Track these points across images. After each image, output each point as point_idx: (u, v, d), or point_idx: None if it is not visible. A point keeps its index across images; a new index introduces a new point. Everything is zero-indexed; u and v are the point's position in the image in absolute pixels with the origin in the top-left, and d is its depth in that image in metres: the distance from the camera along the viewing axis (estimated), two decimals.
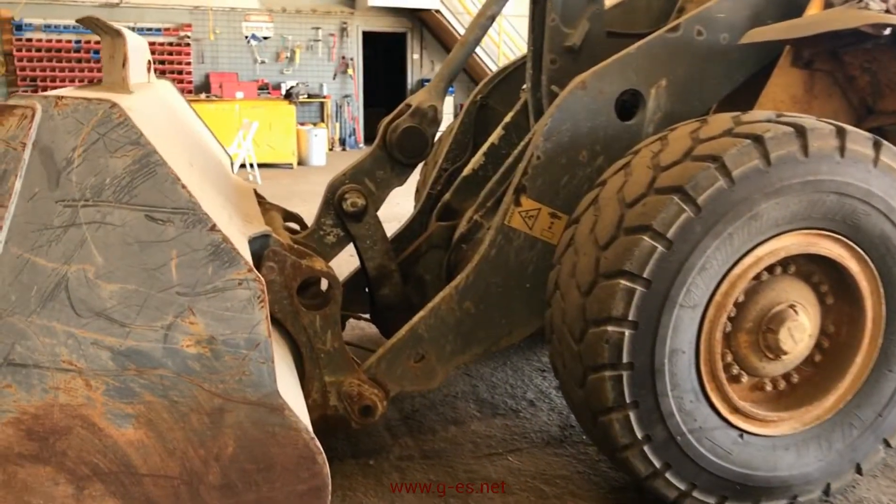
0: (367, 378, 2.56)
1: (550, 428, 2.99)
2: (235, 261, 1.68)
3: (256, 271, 1.70)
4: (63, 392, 1.65)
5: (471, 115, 3.44)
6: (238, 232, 2.04)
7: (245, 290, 1.70)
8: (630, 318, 2.13)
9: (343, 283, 3.28)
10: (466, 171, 3.19)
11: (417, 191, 4.10)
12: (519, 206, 2.63)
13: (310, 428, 1.82)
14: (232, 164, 3.21)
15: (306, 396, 2.51)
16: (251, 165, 10.71)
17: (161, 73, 14.30)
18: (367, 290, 3.08)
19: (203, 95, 14.34)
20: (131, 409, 1.70)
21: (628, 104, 2.70)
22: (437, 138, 3.39)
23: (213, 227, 1.65)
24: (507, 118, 3.28)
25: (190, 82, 14.80)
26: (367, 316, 3.21)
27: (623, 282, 2.12)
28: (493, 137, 3.22)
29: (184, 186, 1.62)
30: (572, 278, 2.29)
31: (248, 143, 10.39)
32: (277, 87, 15.42)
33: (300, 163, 13.34)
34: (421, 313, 2.62)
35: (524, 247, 2.66)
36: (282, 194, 9.28)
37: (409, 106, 2.90)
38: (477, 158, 3.25)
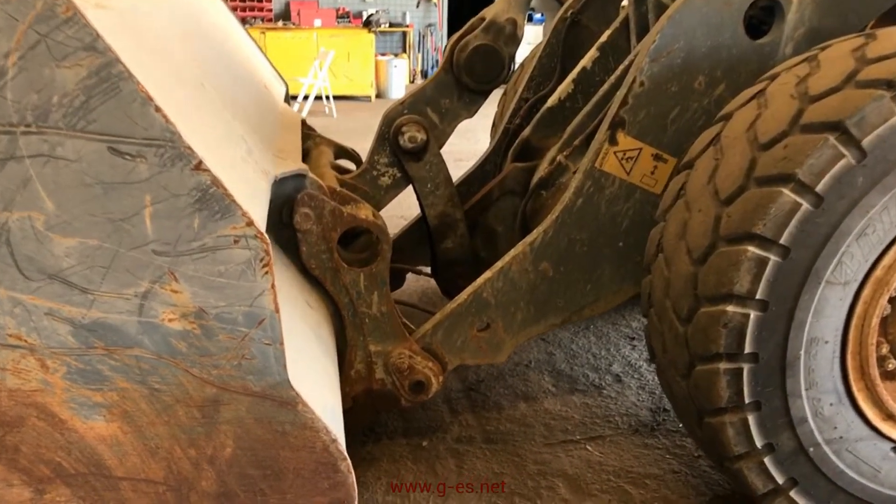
0: (420, 349, 2.14)
1: (640, 411, 2.52)
2: (230, 211, 1.25)
3: (259, 226, 1.27)
4: (11, 374, 1.28)
5: (559, 34, 2.88)
6: (256, 171, 1.61)
7: (243, 249, 1.27)
8: (758, 296, 1.61)
9: (401, 232, 2.86)
10: (551, 101, 2.66)
11: (494, 125, 3.60)
12: (615, 144, 2.11)
13: (331, 427, 1.41)
14: (288, 93, 2.78)
15: (348, 367, 2.11)
16: (326, 98, 10.33)
17: (241, 0, 14.00)
18: (428, 241, 2.64)
19: (280, 23, 13.97)
20: (101, 398, 1.32)
21: (758, 19, 2.12)
22: (517, 62, 2.86)
23: (200, 166, 1.23)
24: (604, 38, 2.72)
25: (270, 10, 14.45)
26: (429, 270, 2.78)
27: (752, 248, 1.60)
28: (585, 61, 2.67)
29: (158, 109, 1.19)
30: (681, 240, 1.78)
31: (323, 74, 9.99)
32: (358, 15, 14.90)
33: (378, 95, 12.89)
34: (487, 274, 2.16)
35: (618, 196, 2.15)
36: (357, 129, 8.90)
37: (482, 20, 2.39)
38: (564, 86, 2.71)
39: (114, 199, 1.22)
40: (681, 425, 2.43)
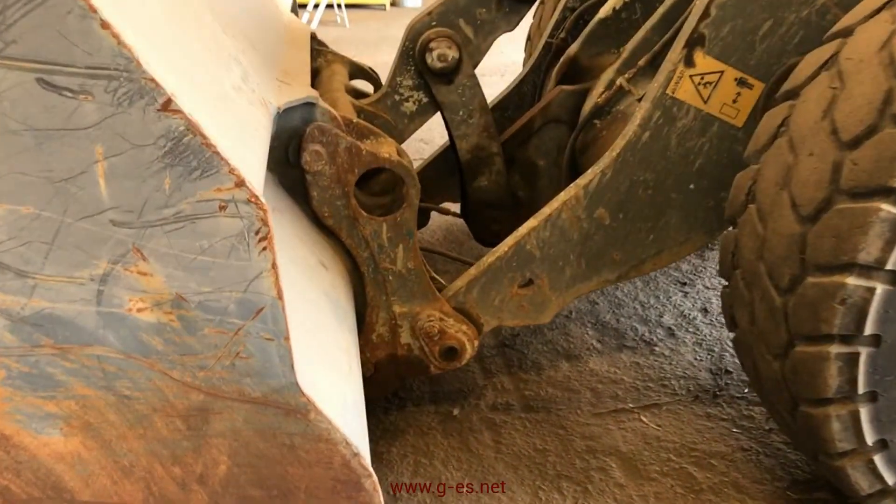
0: (452, 309, 1.83)
1: (698, 373, 2.22)
2: (213, 167, 0.91)
3: (253, 187, 0.94)
4: None
5: None
6: (253, 103, 1.26)
7: (232, 218, 0.94)
8: (889, 265, 1.28)
9: (426, 163, 2.51)
10: (604, 11, 2.25)
11: (529, 38, 3.18)
12: (691, 66, 1.73)
13: (352, 438, 1.11)
14: (296, 3, 2.37)
15: (369, 330, 1.81)
16: (338, 6, 9.75)
17: None
18: (458, 177, 2.30)
19: None
20: (55, 407, 1.02)
21: None
22: None
23: (169, 105, 0.88)
24: None
25: None
26: (458, 210, 2.44)
27: (885, 206, 1.25)
28: None
29: (106, 24, 0.84)
30: (783, 190, 1.43)
31: None
32: None
33: (394, 3, 12.21)
34: (532, 222, 1.83)
35: (692, 129, 1.79)
36: (370, 39, 8.38)
37: None
38: None
39: (52, 153, 0.89)
40: (745, 386, 2.13)
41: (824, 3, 1.69)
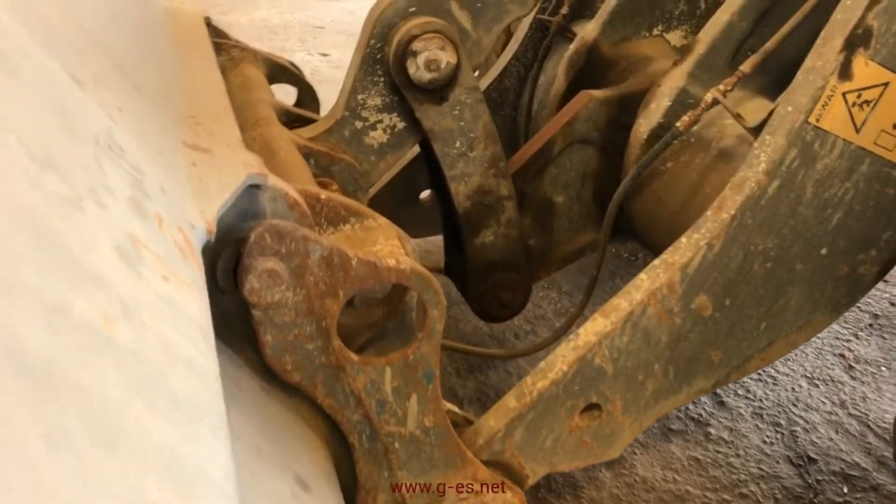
0: (487, 470, 1.17)
1: (776, 465, 1.67)
2: None
3: None
4: None
5: None
6: (174, 278, 0.54)
7: None
8: None
9: (380, 190, 1.79)
10: None
11: None
12: (847, 79, 1.11)
13: None
14: None
15: None
16: None
17: None
18: (444, 228, 1.61)
19: None
20: None
21: None
22: None
23: None
24: None
25: None
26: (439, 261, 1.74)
27: None
28: None
29: None
30: None
31: None
32: None
33: None
34: (600, 324, 1.19)
35: (837, 172, 1.19)
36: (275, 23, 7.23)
37: None
38: None
39: None
40: (847, 491, 1.61)
41: None
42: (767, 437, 1.77)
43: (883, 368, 2.05)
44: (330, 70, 4.65)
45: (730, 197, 1.18)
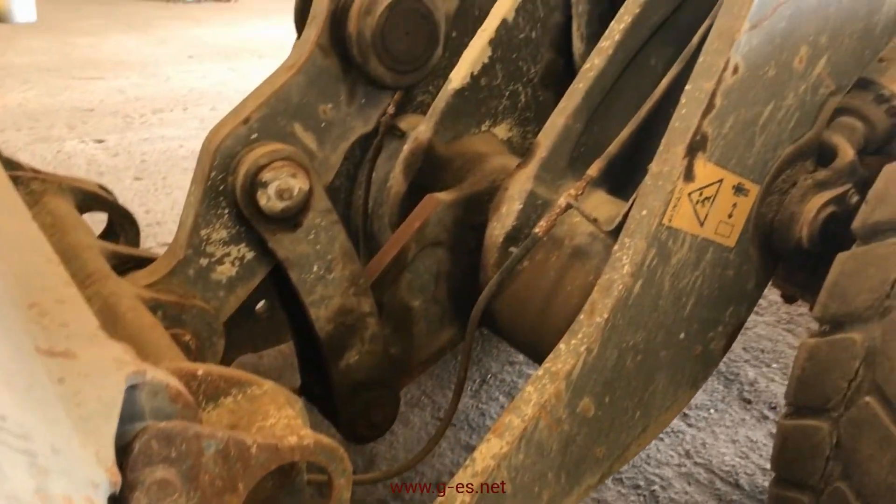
0: None
1: None
2: None
3: None
4: None
5: None
6: None
7: None
8: None
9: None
10: (459, 79, 1.59)
11: None
12: (691, 180, 1.19)
13: None
14: None
15: None
16: None
17: None
18: (299, 349, 1.50)
19: None
20: None
21: None
22: None
23: None
24: None
25: None
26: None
27: None
28: (503, 11, 1.64)
29: None
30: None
31: None
32: None
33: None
34: (495, 446, 1.16)
35: (687, 264, 1.26)
36: None
37: None
38: (466, 68, 1.65)
39: None
40: None
41: (819, 74, 1.27)
42: (632, 501, 1.83)
43: (711, 411, 2.22)
44: (110, 159, 4.28)
45: (600, 300, 1.21)
